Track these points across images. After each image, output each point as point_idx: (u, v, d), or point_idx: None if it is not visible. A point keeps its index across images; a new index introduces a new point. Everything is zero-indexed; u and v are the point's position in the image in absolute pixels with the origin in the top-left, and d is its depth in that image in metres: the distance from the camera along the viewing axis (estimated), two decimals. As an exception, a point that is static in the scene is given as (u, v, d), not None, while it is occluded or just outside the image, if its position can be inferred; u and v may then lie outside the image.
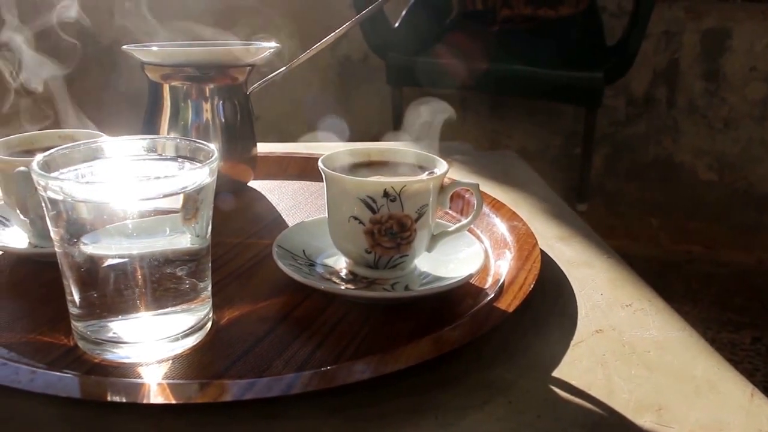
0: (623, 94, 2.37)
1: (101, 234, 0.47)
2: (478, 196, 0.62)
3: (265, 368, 0.50)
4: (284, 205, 0.82)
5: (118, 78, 2.41)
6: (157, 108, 0.79)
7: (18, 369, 0.47)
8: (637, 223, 2.41)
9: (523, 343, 0.55)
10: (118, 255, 0.48)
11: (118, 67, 2.39)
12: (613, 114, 2.39)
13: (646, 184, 2.44)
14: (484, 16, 2.05)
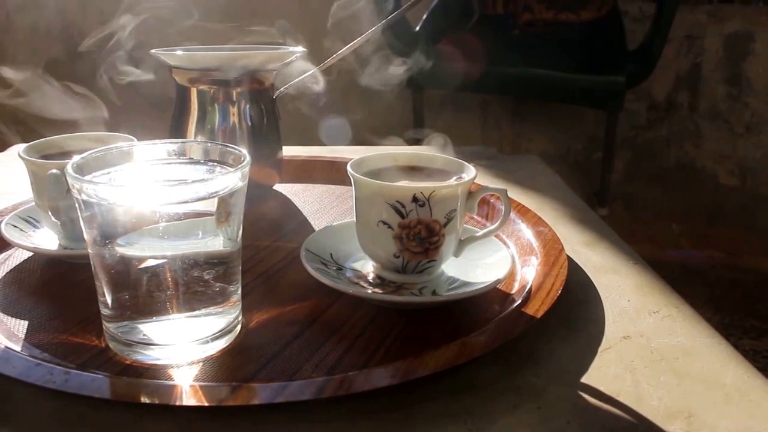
0: (645, 99, 2.35)
1: (134, 236, 0.48)
2: (506, 202, 0.62)
3: (294, 371, 0.50)
4: (310, 209, 0.83)
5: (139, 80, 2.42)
6: (185, 111, 0.80)
7: (52, 369, 0.48)
8: (658, 228, 2.39)
9: (550, 348, 0.55)
10: (150, 257, 0.48)
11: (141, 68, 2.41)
12: (635, 118, 2.38)
13: (667, 189, 2.42)
14: (505, 19, 2.05)
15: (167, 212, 0.47)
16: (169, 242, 0.48)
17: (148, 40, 0.87)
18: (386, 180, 0.61)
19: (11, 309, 0.59)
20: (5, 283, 0.64)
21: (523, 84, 1.98)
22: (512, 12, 2.03)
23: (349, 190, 0.87)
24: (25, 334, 0.55)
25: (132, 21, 0.84)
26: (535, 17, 2.01)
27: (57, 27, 2.42)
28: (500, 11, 2.05)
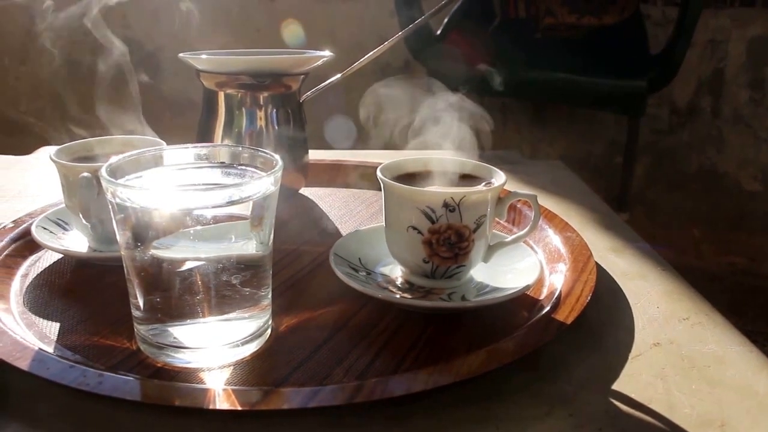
0: (666, 103, 2.34)
1: (167, 239, 0.48)
2: (537, 208, 0.61)
3: (325, 376, 0.50)
4: (336, 213, 0.83)
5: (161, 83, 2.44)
6: (212, 115, 0.80)
7: (85, 372, 0.48)
8: (679, 233, 2.38)
9: (581, 355, 0.54)
10: (183, 260, 0.49)
11: (161, 72, 2.43)
12: (656, 123, 2.36)
13: (688, 195, 2.41)
14: (527, 23, 2.05)
15: (201, 216, 0.47)
16: (203, 246, 0.48)
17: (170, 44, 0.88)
18: (415, 185, 0.61)
19: (42, 311, 0.60)
20: (36, 285, 0.65)
21: (544, 88, 1.97)
22: (534, 16, 2.03)
23: (375, 194, 0.88)
24: (57, 335, 0.56)
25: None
26: (557, 21, 2.01)
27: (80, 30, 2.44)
28: (522, 15, 2.05)
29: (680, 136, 2.38)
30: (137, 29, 2.41)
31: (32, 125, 2.52)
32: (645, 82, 1.90)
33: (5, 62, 2.52)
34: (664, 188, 2.43)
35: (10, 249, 0.69)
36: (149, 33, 2.40)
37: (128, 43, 0.98)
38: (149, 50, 2.42)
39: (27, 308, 0.60)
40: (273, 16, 2.32)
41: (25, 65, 2.50)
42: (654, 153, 2.41)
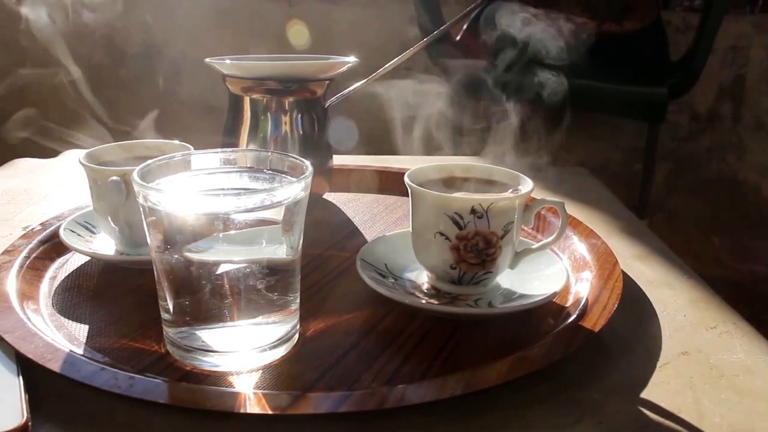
0: (687, 110, 2.33)
1: (198, 243, 0.48)
2: (564, 215, 0.61)
3: (353, 381, 0.50)
4: (360, 218, 0.83)
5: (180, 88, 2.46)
6: (237, 120, 0.80)
7: (116, 374, 0.48)
8: (698, 241, 2.36)
9: (609, 363, 0.54)
10: (213, 264, 0.49)
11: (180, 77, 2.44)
12: (676, 129, 2.35)
13: (708, 202, 2.39)
14: (547, 30, 2.04)
15: (232, 220, 0.47)
16: (234, 250, 0.49)
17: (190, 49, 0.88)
18: (442, 191, 0.61)
19: (71, 313, 0.60)
20: (64, 287, 0.65)
21: (565, 94, 1.96)
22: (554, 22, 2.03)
23: (398, 199, 0.88)
24: (86, 338, 0.56)
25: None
26: (577, 28, 2.00)
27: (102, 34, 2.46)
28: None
29: (700, 143, 2.37)
30: (158, 34, 2.42)
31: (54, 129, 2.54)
32: (665, 89, 1.89)
33: (26, 67, 2.54)
34: (684, 195, 2.41)
35: (38, 251, 0.69)
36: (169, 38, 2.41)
37: (149, 48, 0.99)
38: (170, 55, 2.43)
39: (56, 310, 0.61)
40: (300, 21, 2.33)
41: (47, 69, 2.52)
42: (674, 160, 2.39)
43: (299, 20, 2.29)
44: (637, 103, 1.94)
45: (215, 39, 2.31)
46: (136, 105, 0.85)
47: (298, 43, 2.13)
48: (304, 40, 2.14)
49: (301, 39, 2.15)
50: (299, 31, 2.16)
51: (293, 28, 2.18)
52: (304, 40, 2.14)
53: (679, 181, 2.42)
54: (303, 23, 2.21)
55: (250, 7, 2.36)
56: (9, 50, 2.53)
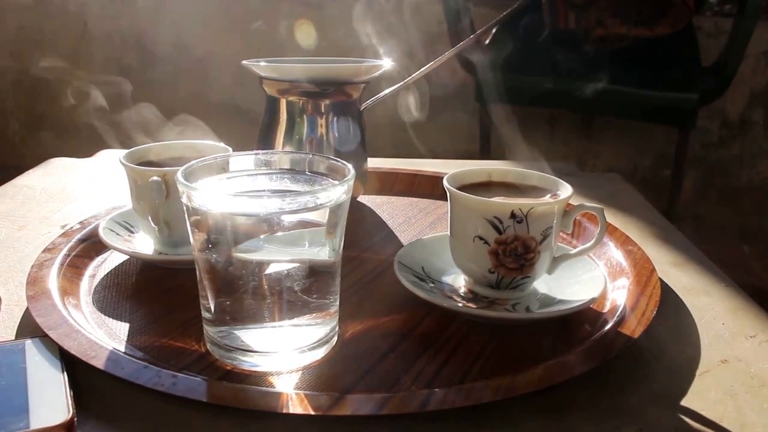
0: (717, 116, 2.31)
1: (241, 243, 0.49)
2: (603, 221, 0.61)
3: (393, 383, 0.50)
4: (395, 221, 0.83)
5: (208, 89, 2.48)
6: (273, 122, 0.81)
7: (160, 372, 0.49)
8: (728, 249, 2.34)
9: (648, 370, 0.54)
10: (256, 264, 0.49)
11: (208, 78, 2.46)
12: (706, 136, 2.33)
13: (738, 209, 2.37)
14: (577, 35, 2.03)
15: (276, 222, 0.48)
16: (277, 251, 0.49)
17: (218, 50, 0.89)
18: (480, 195, 0.61)
19: (111, 311, 0.61)
20: (104, 285, 0.66)
21: (594, 99, 1.95)
22: (584, 27, 2.02)
23: (433, 203, 0.88)
24: (127, 336, 0.57)
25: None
26: (608, 32, 1.99)
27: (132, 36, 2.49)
28: (572, 26, 2.03)
29: (731, 150, 2.35)
30: (185, 35, 2.44)
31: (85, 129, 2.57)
32: (696, 95, 1.87)
33: (58, 67, 2.58)
34: (714, 203, 2.39)
35: (77, 249, 0.70)
36: (198, 40, 2.43)
37: (176, 49, 1.01)
38: (197, 56, 2.45)
39: (96, 308, 0.62)
40: (322, 24, 2.34)
41: (78, 69, 2.55)
42: (703, 166, 2.37)
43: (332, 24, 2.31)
44: (668, 109, 1.93)
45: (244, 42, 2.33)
46: (164, 105, 0.86)
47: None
48: (312, 40, 2.14)
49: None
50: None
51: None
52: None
53: (709, 189, 2.39)
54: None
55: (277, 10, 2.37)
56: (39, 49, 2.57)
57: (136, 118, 0.97)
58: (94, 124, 2.42)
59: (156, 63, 2.49)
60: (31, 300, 0.59)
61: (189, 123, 0.87)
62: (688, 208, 2.37)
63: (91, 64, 2.52)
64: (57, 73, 2.58)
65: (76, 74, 2.55)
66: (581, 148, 2.40)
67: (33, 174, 1.04)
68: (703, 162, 2.37)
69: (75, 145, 2.36)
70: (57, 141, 2.64)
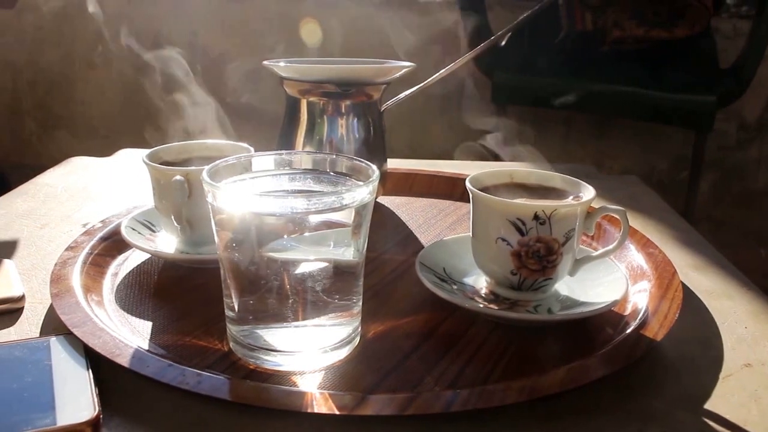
0: (735, 118, 2.29)
1: (266, 243, 0.49)
2: (626, 223, 0.61)
3: (416, 384, 0.50)
4: (414, 222, 0.83)
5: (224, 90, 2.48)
6: (294, 122, 0.81)
7: (184, 371, 0.49)
8: (745, 253, 2.32)
9: (670, 373, 0.54)
10: (281, 264, 0.49)
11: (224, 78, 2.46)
12: (724, 138, 2.31)
13: (755, 213, 2.35)
14: (594, 36, 2.02)
15: (301, 221, 0.48)
16: (302, 251, 0.49)
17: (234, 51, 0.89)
18: (502, 197, 0.61)
19: (134, 309, 0.62)
20: (126, 284, 0.66)
21: (610, 102, 1.95)
22: (601, 29, 2.01)
23: (452, 204, 0.88)
24: (150, 334, 0.57)
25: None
26: (625, 34, 1.98)
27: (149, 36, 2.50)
28: (589, 28, 2.03)
29: (749, 153, 2.33)
30: (203, 36, 2.45)
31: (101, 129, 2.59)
32: (714, 97, 1.86)
33: (75, 67, 2.59)
34: (731, 206, 2.38)
35: (99, 248, 0.71)
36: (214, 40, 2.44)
37: (193, 49, 1.01)
38: (213, 57, 2.46)
39: (119, 306, 0.62)
40: (341, 24, 2.35)
41: (93, 69, 2.56)
42: (721, 169, 2.36)
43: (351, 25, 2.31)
44: (685, 111, 1.92)
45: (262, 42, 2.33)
46: (180, 105, 0.87)
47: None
48: (317, 39, 2.14)
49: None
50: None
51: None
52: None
53: (726, 191, 2.38)
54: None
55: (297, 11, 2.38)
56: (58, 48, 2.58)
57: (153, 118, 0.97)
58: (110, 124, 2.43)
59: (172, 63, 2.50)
60: (55, 297, 0.59)
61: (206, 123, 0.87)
62: (706, 210, 2.35)
63: (108, 65, 2.54)
64: (73, 73, 2.59)
65: (93, 74, 2.57)
66: (597, 150, 2.39)
67: (54, 173, 1.05)
68: (721, 165, 2.35)
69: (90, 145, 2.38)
70: (72, 141, 2.66)
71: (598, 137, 2.39)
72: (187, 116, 0.91)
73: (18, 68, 2.64)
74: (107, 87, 2.53)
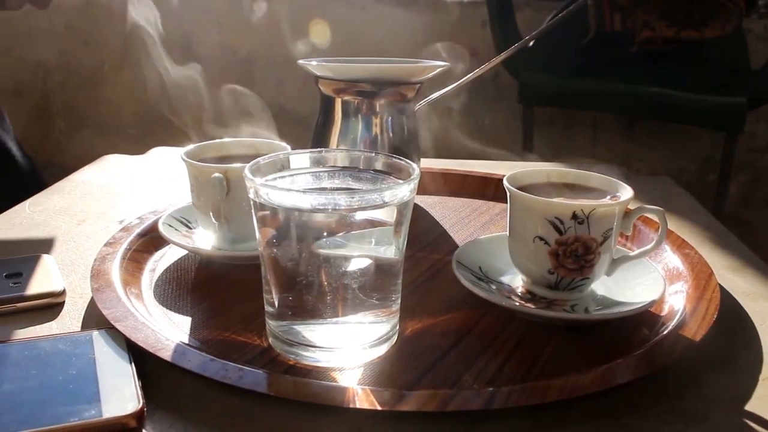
0: (765, 120, 2.27)
1: (308, 240, 0.49)
2: (663, 223, 0.61)
3: (455, 381, 0.51)
4: (448, 222, 0.83)
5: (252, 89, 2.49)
6: (328, 121, 0.82)
7: (226, 365, 0.50)
8: (774, 255, 2.30)
9: (710, 374, 0.54)
10: (323, 261, 0.50)
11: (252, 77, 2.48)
12: (753, 140, 2.29)
13: (786, 216, 2.33)
14: (623, 37, 2.01)
15: (344, 218, 0.48)
16: (344, 248, 0.50)
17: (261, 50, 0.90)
18: (540, 196, 0.61)
19: (173, 305, 0.62)
20: (164, 280, 0.67)
21: (639, 103, 1.94)
22: (630, 29, 2.00)
23: (485, 204, 0.88)
24: (190, 329, 0.58)
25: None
26: (655, 35, 1.97)
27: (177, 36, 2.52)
28: (618, 28, 2.02)
29: (779, 155, 2.31)
30: (230, 35, 2.47)
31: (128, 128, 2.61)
32: (744, 99, 1.85)
33: (104, 67, 2.62)
34: (760, 208, 2.35)
35: (137, 244, 0.72)
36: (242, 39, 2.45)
37: (222, 49, 1.02)
38: (242, 56, 2.47)
39: (157, 302, 0.63)
40: (365, 24, 2.35)
41: (122, 70, 2.59)
42: (750, 171, 2.34)
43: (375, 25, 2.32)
44: (715, 113, 1.90)
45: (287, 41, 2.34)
46: (209, 105, 0.87)
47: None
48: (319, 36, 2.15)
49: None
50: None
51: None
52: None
53: (756, 194, 2.36)
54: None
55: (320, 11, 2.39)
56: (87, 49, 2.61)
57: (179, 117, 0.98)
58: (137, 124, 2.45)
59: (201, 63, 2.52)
60: (96, 292, 0.60)
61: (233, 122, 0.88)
62: (735, 213, 2.33)
63: (137, 64, 2.56)
64: (102, 73, 2.62)
65: (121, 74, 2.60)
66: (625, 151, 2.38)
67: (89, 170, 1.07)
68: (750, 167, 2.33)
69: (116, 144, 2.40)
70: (99, 140, 2.68)
71: (626, 139, 2.38)
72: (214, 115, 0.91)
73: (48, 68, 2.67)
74: (135, 87, 2.56)
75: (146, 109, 2.56)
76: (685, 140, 2.32)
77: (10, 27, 2.61)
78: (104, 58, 2.62)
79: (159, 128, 2.66)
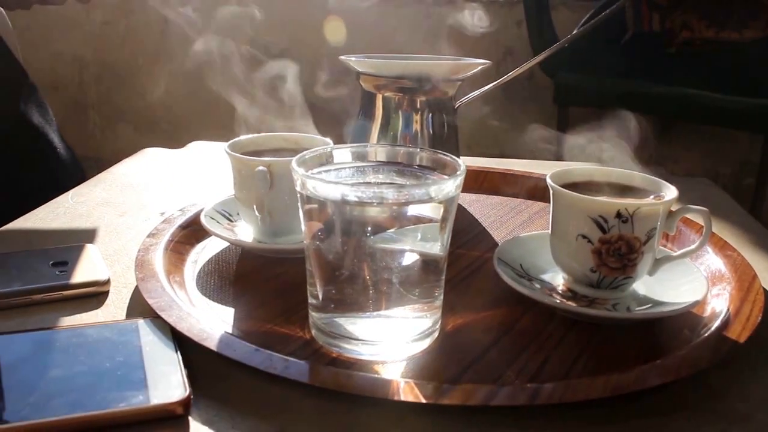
0: (805, 124, 2.23)
1: (353, 234, 0.50)
2: (708, 223, 0.60)
3: (497, 377, 0.51)
4: (487, 220, 0.83)
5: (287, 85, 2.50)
6: (369, 117, 0.82)
7: (271, 356, 0.50)
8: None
9: (754, 376, 0.53)
10: (368, 255, 0.50)
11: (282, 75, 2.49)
12: (792, 144, 2.26)
13: (824, 221, 2.29)
14: (661, 37, 2.00)
15: (391, 213, 0.49)
16: (390, 243, 0.50)
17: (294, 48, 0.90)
18: (583, 194, 0.61)
19: (215, 296, 0.63)
20: (206, 271, 0.68)
21: (676, 104, 1.92)
22: (669, 30, 1.98)
23: (523, 202, 0.88)
24: (233, 320, 0.59)
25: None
26: (694, 36, 1.95)
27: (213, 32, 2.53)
28: (656, 28, 2.00)
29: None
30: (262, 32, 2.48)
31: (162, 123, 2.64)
32: (784, 101, 1.82)
33: (139, 62, 2.65)
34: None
35: (179, 236, 0.72)
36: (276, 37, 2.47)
37: (255, 45, 1.03)
38: (274, 53, 2.49)
39: (200, 293, 0.64)
40: (401, 21, 2.36)
41: (157, 64, 2.61)
42: (788, 175, 2.30)
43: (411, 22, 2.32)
44: (754, 115, 1.88)
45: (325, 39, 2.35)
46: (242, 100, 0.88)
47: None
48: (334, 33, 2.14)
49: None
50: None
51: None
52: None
53: (794, 198, 2.32)
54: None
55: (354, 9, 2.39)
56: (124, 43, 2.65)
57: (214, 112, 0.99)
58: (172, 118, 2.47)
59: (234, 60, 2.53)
60: (140, 282, 0.61)
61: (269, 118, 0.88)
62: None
63: (172, 60, 2.59)
64: (137, 67, 2.65)
65: (157, 69, 2.62)
66: (659, 153, 2.35)
67: (129, 163, 1.08)
68: (788, 170, 2.30)
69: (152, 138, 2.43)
70: (134, 134, 2.71)
71: (661, 140, 2.35)
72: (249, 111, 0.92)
73: (85, 63, 2.71)
74: (170, 82, 2.58)
75: (181, 104, 2.58)
76: (721, 142, 2.30)
77: (48, 22, 2.65)
78: (140, 52, 2.65)
79: (193, 123, 2.69)
